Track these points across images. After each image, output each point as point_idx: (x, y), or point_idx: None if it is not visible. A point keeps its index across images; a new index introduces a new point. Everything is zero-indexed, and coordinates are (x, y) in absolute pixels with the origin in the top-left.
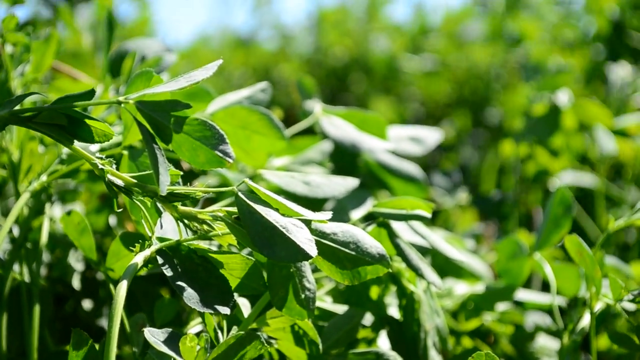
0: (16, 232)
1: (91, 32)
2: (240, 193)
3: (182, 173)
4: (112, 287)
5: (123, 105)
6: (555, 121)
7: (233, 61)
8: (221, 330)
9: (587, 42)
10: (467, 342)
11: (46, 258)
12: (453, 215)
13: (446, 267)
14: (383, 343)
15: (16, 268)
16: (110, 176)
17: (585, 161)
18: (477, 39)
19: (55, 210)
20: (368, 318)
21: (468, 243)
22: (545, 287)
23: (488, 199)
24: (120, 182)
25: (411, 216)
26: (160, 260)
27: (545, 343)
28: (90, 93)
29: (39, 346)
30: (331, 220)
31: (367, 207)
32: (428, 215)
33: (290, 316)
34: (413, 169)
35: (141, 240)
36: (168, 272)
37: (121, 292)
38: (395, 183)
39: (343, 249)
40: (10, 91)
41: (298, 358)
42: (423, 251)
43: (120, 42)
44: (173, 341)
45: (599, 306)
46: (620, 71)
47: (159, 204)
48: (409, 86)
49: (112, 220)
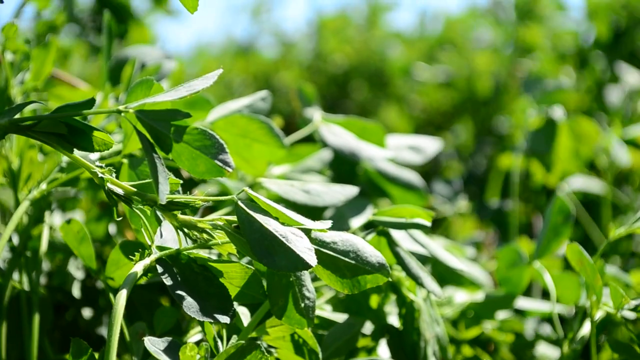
0: (16, 241)
1: None
2: (240, 202)
3: (182, 182)
4: (112, 296)
5: (123, 114)
6: (551, 135)
7: (233, 68)
8: (221, 339)
9: (589, 49)
10: (467, 351)
11: (46, 266)
12: (453, 223)
13: (446, 275)
14: (383, 352)
15: (16, 276)
16: (110, 185)
17: (592, 168)
18: (483, 47)
19: (55, 218)
20: (368, 327)
21: (468, 251)
22: (545, 295)
23: (488, 207)
24: (120, 191)
25: (411, 225)
26: (160, 269)
27: (545, 352)
28: (90, 102)
29: (39, 355)
30: (331, 228)
31: (367, 216)
32: (428, 223)
33: (290, 325)
34: (413, 177)
35: (141, 249)
36: (168, 281)
37: (121, 301)
38: (395, 191)
39: (343, 258)
40: (10, 99)
41: None
42: (423, 260)
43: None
44: (173, 350)
45: (600, 315)
46: (630, 78)
47: (159, 213)
48: (411, 94)
49: (112, 228)
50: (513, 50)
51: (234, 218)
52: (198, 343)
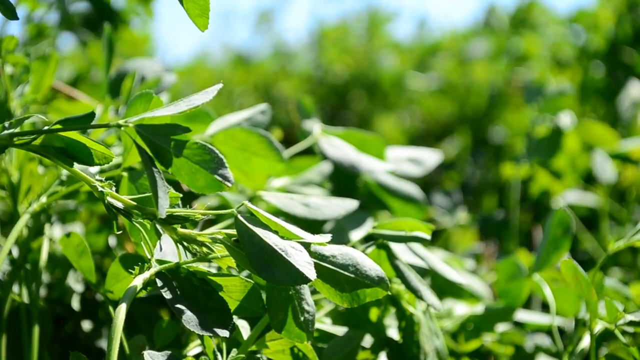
0: (16, 253)
1: None
2: (239, 216)
3: (182, 195)
4: (112, 309)
5: (123, 128)
6: (557, 143)
7: (234, 79)
8: (221, 352)
9: (586, 60)
10: None
11: (45, 279)
12: (453, 234)
13: (446, 288)
14: None
15: (15, 289)
16: (109, 198)
17: (590, 180)
18: (480, 57)
19: (55, 230)
20: (367, 340)
21: (468, 263)
22: (545, 308)
23: (488, 219)
24: (119, 205)
25: (410, 238)
26: (159, 282)
27: None
28: (89, 116)
29: None
30: (331, 241)
31: (367, 229)
32: (427, 237)
33: (289, 338)
34: (412, 190)
35: (140, 262)
36: (167, 295)
37: (120, 315)
38: (394, 203)
39: (342, 272)
40: (10, 111)
41: None
42: (422, 272)
43: (120, 60)
44: None
45: (599, 327)
46: (632, 90)
47: (159, 226)
48: (410, 104)
49: (112, 240)
50: (509, 59)
51: (234, 232)
52: (198, 356)
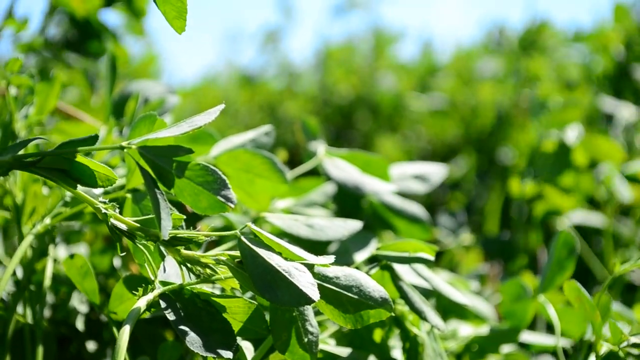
0: (20, 274)
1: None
2: (243, 237)
3: (185, 217)
4: (116, 330)
5: (126, 150)
6: (564, 159)
7: (239, 99)
8: None
9: (592, 82)
10: None
11: (50, 299)
12: (457, 255)
13: (450, 308)
14: None
15: (20, 310)
16: (113, 220)
17: (593, 201)
18: (487, 78)
19: (59, 251)
20: None
21: (472, 284)
22: (550, 329)
23: (493, 240)
24: (123, 226)
25: (414, 259)
26: (163, 304)
27: None
28: (93, 138)
29: None
30: (334, 263)
31: (371, 250)
32: (431, 258)
33: None
34: (417, 210)
35: (144, 283)
36: (171, 316)
37: (124, 336)
38: (399, 224)
39: (346, 293)
40: (14, 133)
41: None
42: (426, 293)
43: (125, 82)
44: None
45: (604, 349)
46: (624, 112)
47: (162, 248)
48: (416, 125)
49: (117, 261)
50: (517, 80)
51: (237, 253)
52: None
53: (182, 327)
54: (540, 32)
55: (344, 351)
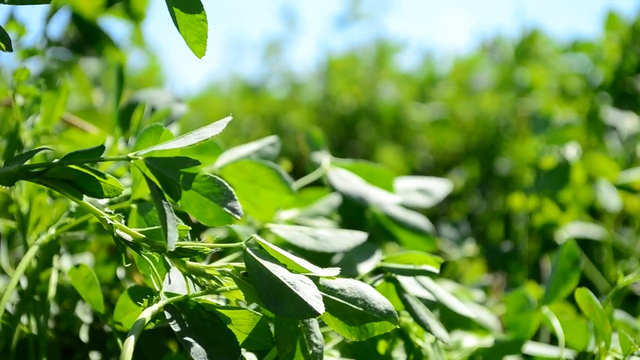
0: (24, 285)
1: (98, 86)
2: (248, 249)
3: (190, 228)
4: (120, 341)
5: (132, 161)
6: (564, 175)
7: (242, 109)
8: None
9: (592, 92)
10: None
11: (54, 310)
12: (461, 266)
13: (454, 319)
14: None
15: (24, 320)
16: (118, 231)
17: (593, 213)
18: (486, 88)
19: (63, 261)
20: None
21: (476, 295)
22: (554, 340)
23: (496, 250)
24: (128, 237)
25: (419, 271)
26: (168, 315)
27: None
28: (99, 149)
29: None
30: (339, 274)
31: (375, 261)
32: (436, 270)
33: None
34: (421, 222)
35: (149, 294)
36: (176, 328)
37: (129, 348)
38: (403, 235)
39: (351, 305)
40: (20, 142)
41: None
42: (430, 305)
43: (130, 91)
44: None
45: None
46: (627, 122)
47: (167, 259)
48: (418, 135)
49: (120, 272)
50: (515, 90)
51: (242, 264)
52: None
53: (187, 339)
54: (532, 41)
55: None
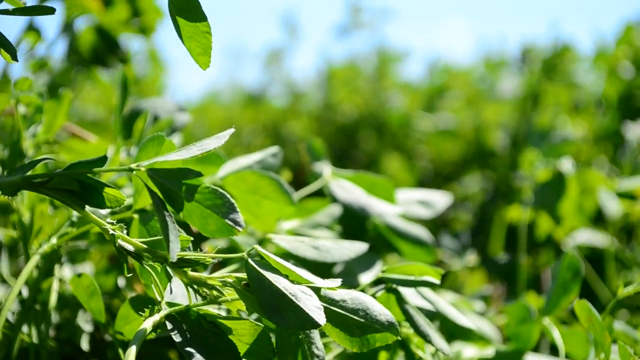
0: (25, 294)
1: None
2: (250, 259)
3: (192, 239)
4: (121, 351)
5: (134, 172)
6: (560, 189)
7: (243, 117)
8: None
9: (601, 104)
10: None
11: (55, 319)
12: (461, 276)
13: (455, 330)
14: None
15: (25, 329)
16: (120, 241)
17: (597, 222)
18: (500, 98)
19: (65, 270)
20: None
21: (477, 305)
22: (554, 351)
23: (496, 261)
24: (130, 247)
25: (420, 282)
26: (169, 325)
27: None
28: (102, 159)
29: None
30: (340, 285)
31: (376, 272)
32: (436, 281)
33: None
34: (422, 233)
35: (150, 304)
36: (177, 338)
37: (130, 357)
38: (404, 246)
39: (352, 317)
40: (22, 152)
41: None
42: (431, 316)
43: (132, 100)
44: None
45: None
46: (638, 131)
47: (169, 269)
48: (420, 144)
49: (121, 281)
50: (531, 102)
51: (244, 275)
52: None
53: (188, 349)
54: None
55: None
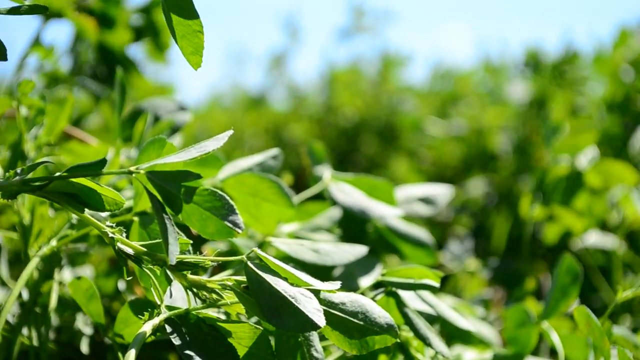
0: (25, 296)
1: None
2: (249, 262)
3: (192, 242)
4: (120, 354)
5: (134, 175)
6: (577, 182)
7: (245, 120)
8: None
9: (603, 107)
10: None
11: (55, 322)
12: (462, 280)
13: (455, 333)
14: None
15: (25, 332)
16: (120, 244)
17: (605, 226)
18: (492, 102)
19: (65, 273)
20: None
21: (477, 309)
22: (553, 355)
23: (497, 265)
24: (130, 251)
25: (419, 285)
26: (168, 328)
27: None
28: (101, 163)
29: None
30: (340, 288)
31: (376, 275)
32: (436, 284)
33: None
34: (422, 235)
35: (150, 307)
36: (176, 341)
37: None
38: (404, 248)
39: (351, 319)
40: (23, 154)
41: None
42: (431, 319)
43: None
44: None
45: None
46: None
47: (169, 272)
48: (422, 147)
49: (121, 284)
50: (537, 106)
51: (243, 278)
52: None
53: (188, 352)
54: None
55: None
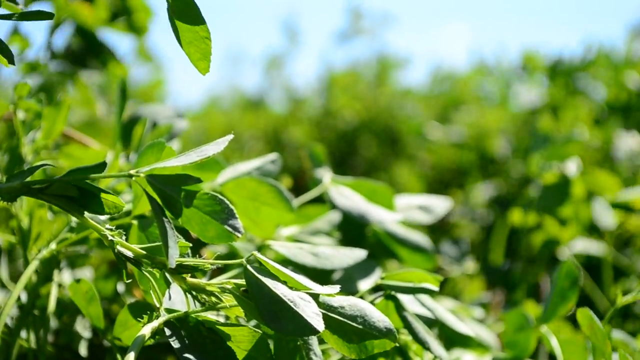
0: (24, 299)
1: (102, 97)
2: (248, 266)
3: (191, 245)
4: (119, 356)
5: (134, 178)
6: (564, 191)
7: (243, 123)
8: None
9: (604, 111)
10: None
11: (54, 324)
12: (460, 283)
13: (454, 337)
14: None
15: (24, 334)
16: (119, 247)
17: (593, 230)
18: (489, 104)
19: (64, 275)
20: None
21: (476, 312)
22: (551, 359)
23: (496, 268)
24: (129, 254)
25: (418, 289)
26: (167, 331)
27: None
28: (101, 166)
29: None
30: (339, 292)
31: (375, 279)
32: (435, 288)
33: None
34: (421, 239)
35: (149, 310)
36: (175, 344)
37: None
38: (403, 252)
39: (350, 323)
40: (21, 157)
41: None
42: (430, 323)
43: (132, 105)
44: None
45: None
46: (629, 141)
47: (168, 275)
48: (421, 151)
49: (120, 287)
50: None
51: (243, 281)
52: None
53: (187, 355)
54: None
55: None
